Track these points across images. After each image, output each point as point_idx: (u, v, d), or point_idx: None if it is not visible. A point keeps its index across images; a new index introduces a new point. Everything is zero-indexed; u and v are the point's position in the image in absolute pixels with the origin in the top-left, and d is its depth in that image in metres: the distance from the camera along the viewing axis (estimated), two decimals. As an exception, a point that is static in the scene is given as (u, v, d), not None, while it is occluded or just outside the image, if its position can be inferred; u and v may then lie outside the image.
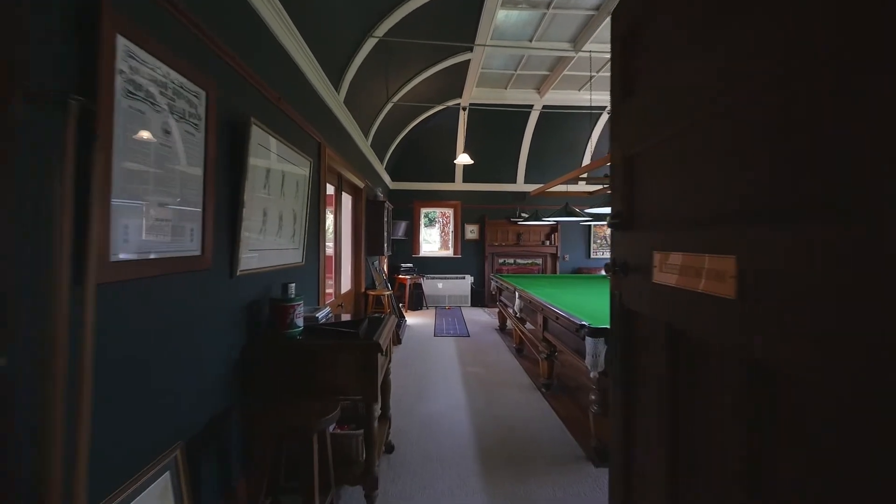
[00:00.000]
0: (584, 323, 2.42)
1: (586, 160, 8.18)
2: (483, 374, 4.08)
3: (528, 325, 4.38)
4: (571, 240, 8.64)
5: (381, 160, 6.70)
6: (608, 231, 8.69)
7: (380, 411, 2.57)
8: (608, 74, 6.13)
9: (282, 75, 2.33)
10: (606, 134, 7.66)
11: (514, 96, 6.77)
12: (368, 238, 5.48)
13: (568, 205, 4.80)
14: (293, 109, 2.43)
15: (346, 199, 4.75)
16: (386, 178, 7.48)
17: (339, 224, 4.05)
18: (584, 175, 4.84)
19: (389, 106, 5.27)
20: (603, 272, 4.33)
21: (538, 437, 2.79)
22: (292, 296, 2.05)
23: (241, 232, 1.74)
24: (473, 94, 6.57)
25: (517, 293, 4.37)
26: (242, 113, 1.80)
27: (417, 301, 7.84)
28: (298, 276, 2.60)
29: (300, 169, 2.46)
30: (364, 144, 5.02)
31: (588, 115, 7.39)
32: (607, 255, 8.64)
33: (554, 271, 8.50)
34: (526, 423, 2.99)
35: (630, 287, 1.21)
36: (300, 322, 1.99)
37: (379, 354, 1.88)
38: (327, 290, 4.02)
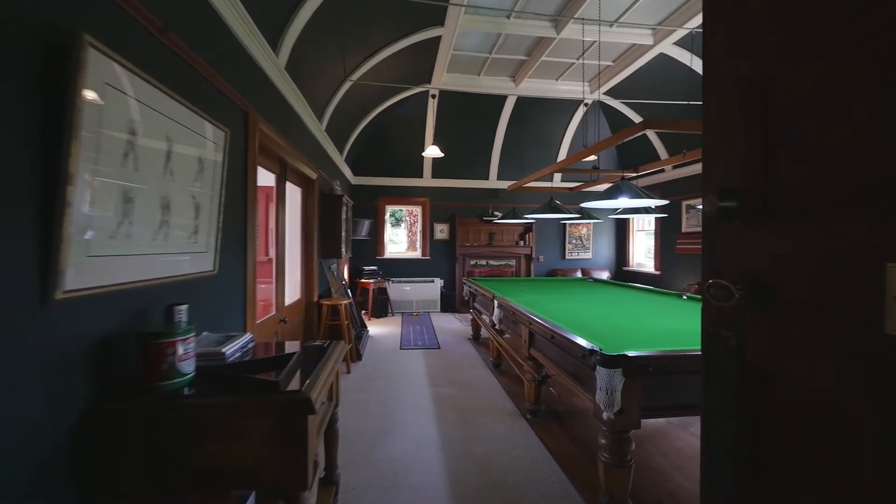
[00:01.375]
0: (594, 348, 1.86)
1: (562, 156, 7.78)
2: (458, 396, 3.47)
3: (507, 336, 3.82)
4: (546, 240, 8.22)
5: (341, 150, 5.96)
6: (584, 231, 8.37)
7: (323, 473, 1.90)
8: (585, 62, 5.77)
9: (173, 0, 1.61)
10: (583, 129, 7.28)
11: (487, 84, 6.22)
12: (323, 238, 4.74)
13: (553, 200, 4.29)
14: (193, 53, 1.71)
15: (294, 192, 4.00)
16: (346, 171, 6.73)
17: (280, 221, 3.32)
18: (564, 170, 4.35)
19: (348, 85, 4.56)
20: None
21: (529, 486, 2.21)
22: (182, 325, 1.35)
23: (67, 226, 1.03)
24: (444, 79, 5.96)
25: (495, 301, 3.80)
26: (66, 22, 1.09)
27: (382, 307, 7.14)
28: (207, 290, 1.88)
29: (206, 141, 1.74)
30: (317, 128, 4.29)
31: (565, 109, 6.97)
32: (582, 255, 8.30)
33: (528, 273, 8.04)
34: (513, 464, 2.40)
35: (775, 330, 0.62)
36: (188, 366, 1.29)
37: (311, 416, 1.22)
38: (267, 301, 3.27)
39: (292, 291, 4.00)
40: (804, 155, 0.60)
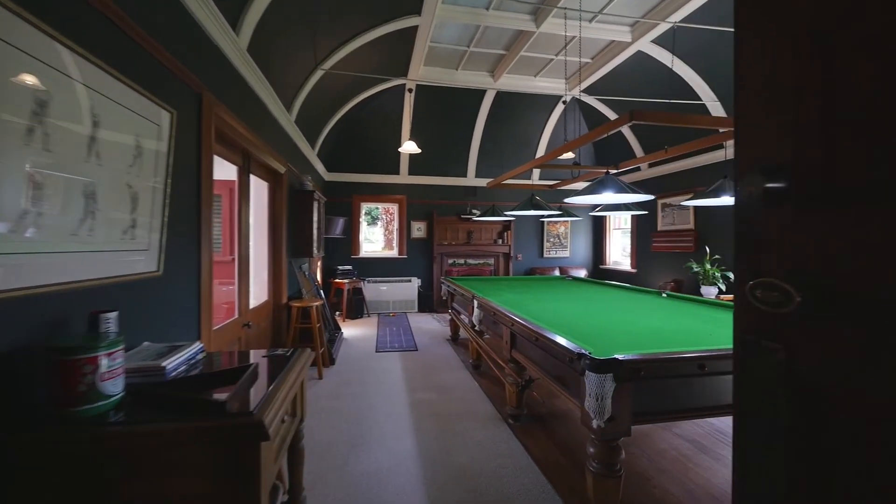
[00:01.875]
0: (583, 351, 1.74)
1: (540, 154, 7.73)
2: (436, 401, 3.31)
3: (487, 337, 3.70)
4: (524, 238, 8.16)
5: (312, 144, 5.68)
6: (562, 229, 8.37)
7: (286, 497, 1.70)
8: (563, 58, 5.73)
9: (104, -43, 1.37)
10: (562, 126, 7.25)
11: (465, 78, 6.08)
12: (293, 236, 4.48)
13: (534, 196, 4.19)
14: (128, 18, 1.48)
15: (260, 186, 3.74)
16: (319, 166, 6.44)
17: (244, 217, 3.07)
18: (544, 166, 4.25)
19: (319, 74, 4.32)
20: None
21: (514, 498, 2.08)
22: (109, 336, 1.13)
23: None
24: (421, 72, 5.78)
25: (475, 301, 3.66)
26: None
27: (357, 308, 6.89)
28: (149, 294, 1.64)
29: (147, 122, 1.51)
30: (285, 119, 4.03)
31: (543, 107, 6.92)
32: (560, 254, 8.30)
33: (507, 272, 7.97)
34: (496, 474, 2.26)
35: (840, 342, 0.49)
36: (114, 386, 1.07)
37: (265, 442, 1.03)
38: (231, 304, 3.01)
39: (259, 293, 3.74)
40: (881, 120, 0.47)
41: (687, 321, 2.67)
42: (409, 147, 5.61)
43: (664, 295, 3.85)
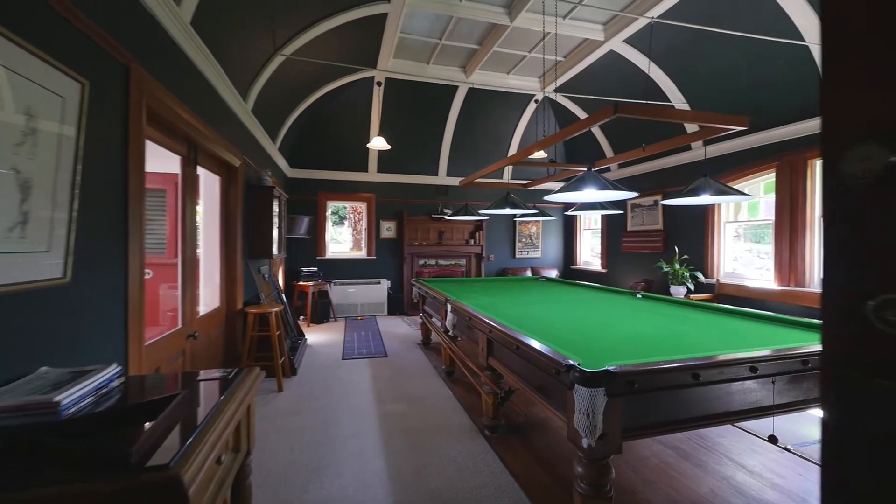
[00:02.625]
0: (572, 363, 1.58)
1: (512, 153, 7.65)
2: (408, 414, 3.08)
3: (461, 341, 3.51)
4: (496, 239, 8.06)
5: (273, 138, 5.30)
6: (533, 229, 8.33)
7: (229, 547, 1.43)
8: (536, 55, 5.62)
9: None
10: (534, 125, 7.19)
11: (437, 73, 5.88)
12: (251, 236, 4.12)
13: (510, 194, 4.04)
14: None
15: (210, 180, 3.38)
16: (281, 161, 6.05)
17: (190, 214, 2.72)
18: (521, 163, 4.12)
19: (279, 60, 3.98)
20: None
21: (494, 524, 1.89)
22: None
23: None
24: (391, 65, 5.53)
25: (448, 305, 3.46)
26: None
27: (323, 312, 6.53)
28: (51, 307, 1.33)
29: (44, 92, 1.21)
30: (241, 107, 3.67)
31: (515, 105, 6.82)
32: (532, 254, 8.25)
33: (479, 273, 7.83)
34: (474, 496, 2.07)
35: None
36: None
37: (182, 504, 0.78)
38: (175, 312, 2.66)
39: (210, 298, 3.38)
40: None
41: (669, 324, 2.59)
42: (378, 143, 5.34)
43: (639, 296, 3.81)
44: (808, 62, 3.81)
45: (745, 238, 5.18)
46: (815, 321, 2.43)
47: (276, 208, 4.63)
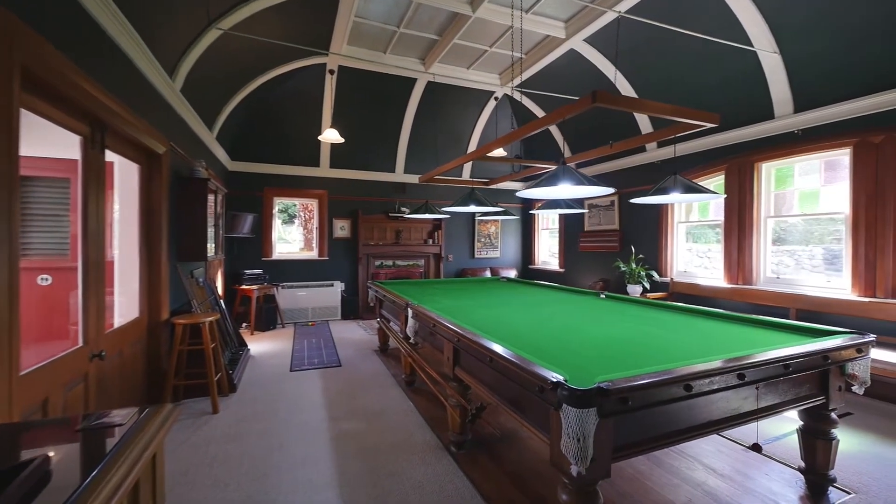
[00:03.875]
0: (558, 379, 1.38)
1: (471, 151, 7.50)
2: (365, 433, 2.77)
3: (422, 347, 3.25)
4: (455, 239, 7.88)
5: (210, 125, 4.74)
6: (492, 229, 8.24)
7: None
8: (501, 52, 5.48)
9: None
10: (494, 123, 7.08)
11: (394, 64, 5.57)
12: (180, 234, 3.60)
13: (475, 191, 3.84)
14: None
15: (128, 169, 2.87)
16: (220, 152, 5.45)
17: (95, 208, 2.24)
18: (485, 159, 3.93)
19: (215, 35, 3.50)
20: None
21: (466, 562, 1.66)
22: None
23: None
24: (345, 51, 5.14)
25: (409, 310, 3.19)
26: None
27: (269, 318, 5.99)
28: None
29: None
30: (165, 84, 3.17)
31: (475, 102, 6.67)
32: (491, 254, 8.17)
33: (438, 273, 7.61)
34: (442, 532, 1.83)
35: None
36: None
37: None
38: (80, 327, 2.16)
39: (127, 308, 2.87)
40: None
41: (641, 327, 2.50)
42: (330, 135, 4.95)
43: (602, 296, 3.76)
44: (756, 68, 3.96)
45: (685, 238, 5.37)
46: (779, 320, 2.44)
47: (212, 204, 4.11)
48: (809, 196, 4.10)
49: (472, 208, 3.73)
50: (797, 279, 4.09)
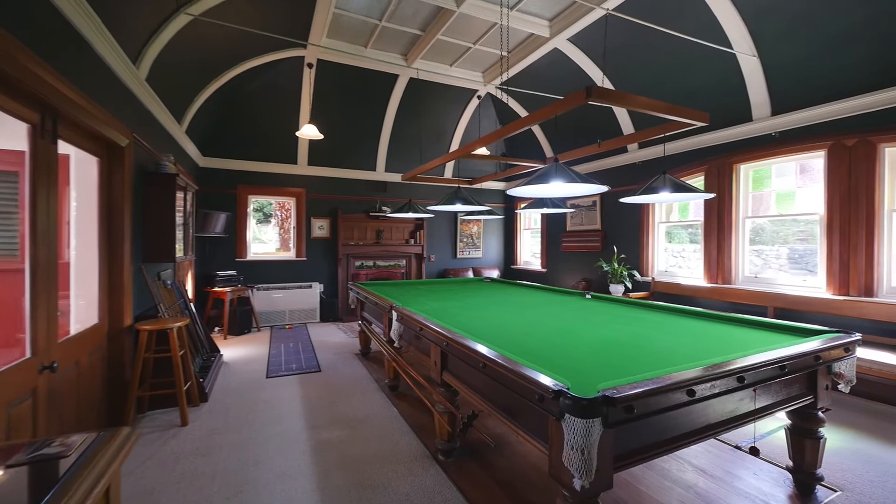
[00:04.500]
0: (561, 387, 1.30)
1: (454, 150, 7.40)
2: (347, 442, 2.63)
3: (404, 350, 3.14)
4: (437, 238, 7.77)
5: (179, 118, 4.47)
6: (474, 229, 8.18)
7: None
8: (485, 49, 5.40)
9: None
10: (476, 121, 7.01)
11: (376, 58, 5.42)
12: (146, 234, 3.35)
13: (461, 189, 3.74)
14: None
15: (85, 162, 2.64)
16: (190, 147, 5.17)
17: (45, 204, 2.03)
18: (473, 156, 3.84)
19: (184, 20, 3.28)
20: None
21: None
22: None
23: None
24: (324, 44, 4.96)
25: (394, 312, 3.07)
26: None
27: (244, 321, 5.73)
28: None
29: None
30: (128, 71, 2.94)
31: (458, 99, 6.58)
32: (473, 254, 8.10)
33: (420, 274, 7.49)
34: (433, 549, 1.72)
35: None
36: None
37: None
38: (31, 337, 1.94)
39: (85, 314, 2.63)
40: None
41: (632, 328, 2.46)
42: (309, 131, 4.76)
43: (588, 296, 3.73)
44: (736, 71, 4.02)
45: (662, 238, 5.45)
46: (766, 320, 2.45)
47: (182, 201, 3.87)
48: (786, 197, 4.20)
49: (458, 207, 3.62)
50: (774, 278, 4.18)
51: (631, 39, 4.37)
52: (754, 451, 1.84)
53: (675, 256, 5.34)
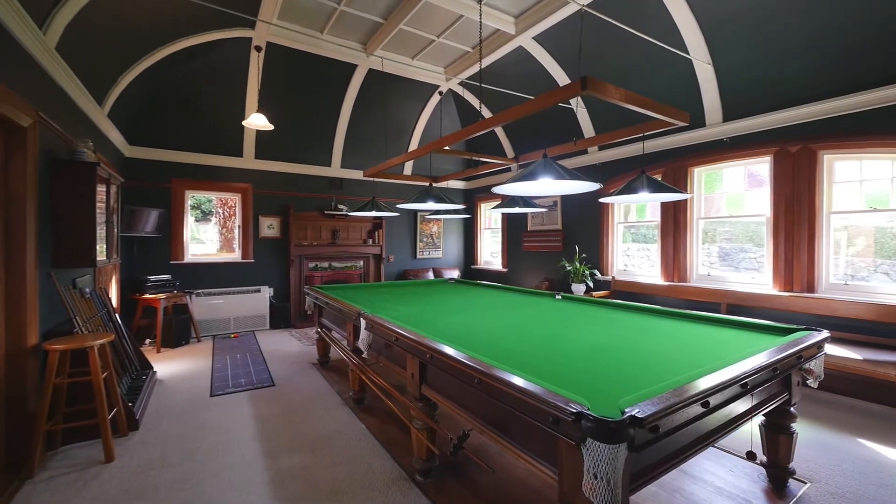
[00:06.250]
0: (581, 408, 1.14)
1: (413, 147, 7.17)
2: (312, 468, 2.34)
3: (370, 361, 2.88)
4: (397, 238, 7.50)
5: (100, 100, 3.85)
6: (434, 229, 8.00)
7: None
8: (448, 43, 5.23)
9: None
10: (437, 118, 6.82)
11: (332, 46, 5.06)
12: (57, 233, 2.80)
13: (432, 186, 3.53)
14: None
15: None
16: (114, 134, 4.50)
17: None
18: (445, 152, 3.66)
19: (104, -18, 2.77)
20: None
21: None
22: None
23: None
24: (275, 26, 4.52)
25: (362, 320, 2.80)
26: None
27: (181, 332, 5.11)
28: None
29: None
30: (34, 38, 2.42)
31: (418, 95, 6.36)
32: (434, 254, 7.92)
33: (378, 276, 7.17)
34: (422, 591, 1.52)
35: None
36: None
37: None
38: None
39: (-29, 333, 2.10)
40: None
41: (616, 331, 2.41)
42: (257, 121, 4.32)
43: (559, 297, 3.70)
44: (691, 76, 4.18)
45: (620, 237, 5.63)
46: (740, 319, 2.51)
47: (104, 196, 3.31)
48: (736, 199, 4.45)
49: (430, 206, 3.42)
50: (725, 276, 4.42)
51: (594, 41, 4.42)
52: (751, 456, 1.83)
53: (626, 255, 5.52)
